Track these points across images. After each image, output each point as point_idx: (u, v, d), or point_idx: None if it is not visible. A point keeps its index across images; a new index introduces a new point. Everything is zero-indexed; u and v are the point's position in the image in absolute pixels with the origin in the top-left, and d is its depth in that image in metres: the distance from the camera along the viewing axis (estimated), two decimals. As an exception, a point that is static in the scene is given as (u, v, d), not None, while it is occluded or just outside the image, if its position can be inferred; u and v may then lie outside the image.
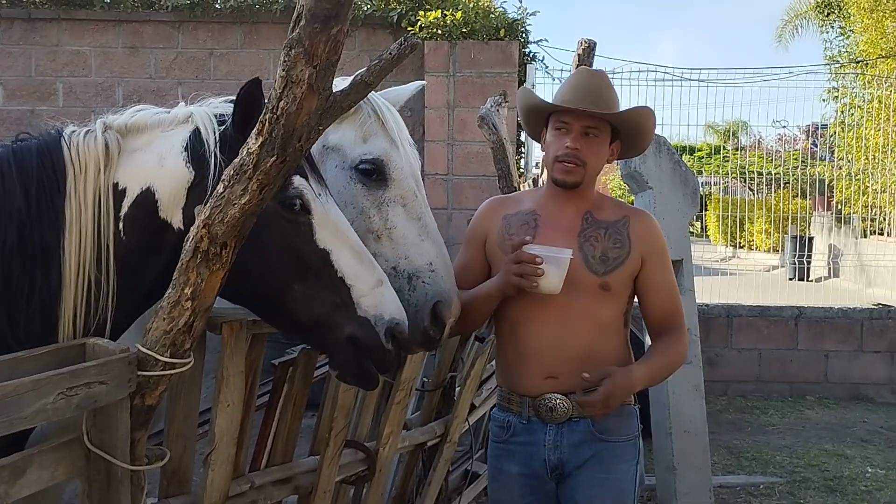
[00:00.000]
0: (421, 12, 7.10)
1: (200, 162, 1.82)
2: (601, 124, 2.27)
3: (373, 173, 2.25)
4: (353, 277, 1.87)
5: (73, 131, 1.85)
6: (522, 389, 2.35)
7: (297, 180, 1.84)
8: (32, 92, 7.51)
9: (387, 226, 2.19)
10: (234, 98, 1.95)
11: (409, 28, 7.04)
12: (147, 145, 1.86)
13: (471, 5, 7.14)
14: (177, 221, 1.83)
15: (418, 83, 2.85)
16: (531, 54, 7.56)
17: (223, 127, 1.85)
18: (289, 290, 1.84)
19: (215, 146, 1.82)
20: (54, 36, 7.54)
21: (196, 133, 1.84)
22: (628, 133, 2.34)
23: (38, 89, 7.52)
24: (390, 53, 1.51)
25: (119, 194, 1.82)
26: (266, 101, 1.53)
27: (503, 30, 7.12)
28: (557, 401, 2.27)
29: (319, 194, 1.89)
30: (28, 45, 7.52)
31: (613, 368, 2.19)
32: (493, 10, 7.25)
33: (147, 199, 1.83)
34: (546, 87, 7.64)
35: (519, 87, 7.29)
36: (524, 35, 7.38)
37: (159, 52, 7.55)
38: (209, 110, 1.90)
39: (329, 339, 1.89)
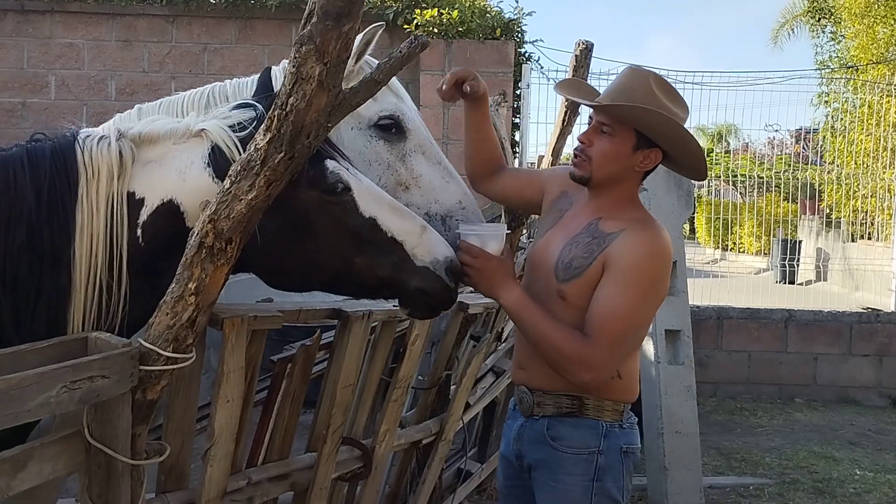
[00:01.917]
0: (417, 10, 7.09)
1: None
2: (615, 122, 2.15)
3: (391, 128, 2.41)
4: (402, 233, 1.99)
5: (88, 136, 1.87)
6: (512, 375, 2.44)
7: (331, 164, 1.93)
8: (24, 84, 7.46)
9: (413, 175, 2.35)
10: (246, 102, 1.99)
11: (406, 26, 7.04)
12: (161, 158, 1.90)
13: (467, 4, 7.15)
14: None
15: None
16: (527, 54, 7.58)
17: (243, 134, 1.88)
18: (353, 265, 1.97)
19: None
20: (47, 28, 7.50)
21: (217, 149, 1.88)
22: (660, 140, 2.16)
23: (30, 82, 7.47)
24: (400, 52, 1.51)
25: (136, 203, 1.85)
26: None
27: (499, 29, 7.13)
28: (524, 394, 2.28)
29: (349, 169, 1.98)
30: (20, 36, 7.47)
31: (504, 263, 2.18)
32: (489, 9, 7.26)
33: (170, 210, 1.87)
34: (541, 88, 7.66)
35: (514, 87, 7.32)
36: (520, 35, 7.39)
37: (153, 45, 7.52)
38: (221, 123, 1.92)
39: (400, 294, 2.05)
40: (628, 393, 2.25)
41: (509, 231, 3.20)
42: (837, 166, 10.91)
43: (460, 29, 7.04)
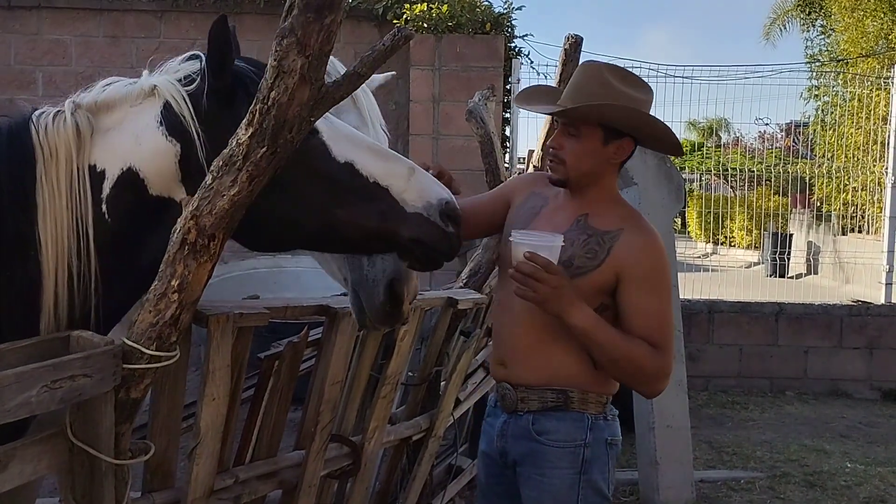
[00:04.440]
0: (406, 5, 7.08)
1: (183, 134, 1.76)
2: (579, 122, 2.18)
3: None
4: (386, 177, 1.81)
5: (42, 112, 1.77)
6: (492, 372, 2.42)
7: None
8: (11, 81, 7.41)
9: None
10: (194, 53, 1.88)
11: (395, 21, 7.02)
12: (119, 123, 1.79)
13: (457, -1, 7.13)
14: (180, 194, 1.76)
15: (390, 73, 2.92)
16: (517, 49, 7.57)
17: (192, 87, 1.78)
18: (333, 217, 1.79)
19: (191, 117, 1.74)
20: (34, 24, 7.45)
21: (168, 106, 1.77)
22: (627, 129, 2.20)
23: (17, 78, 7.43)
24: (384, 45, 1.49)
25: (97, 176, 1.75)
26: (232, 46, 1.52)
27: (489, 24, 7.12)
28: (507, 390, 2.29)
29: None
30: (7, 33, 7.43)
31: (567, 280, 2.11)
32: (478, 4, 7.25)
33: (130, 178, 1.76)
34: (531, 82, 7.64)
35: (504, 81, 7.31)
36: (510, 29, 7.39)
37: (141, 41, 7.48)
38: (171, 77, 1.81)
39: (392, 245, 1.86)
40: (611, 385, 2.28)
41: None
42: (828, 160, 10.94)
43: (450, 24, 7.03)
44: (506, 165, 6.93)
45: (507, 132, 7.67)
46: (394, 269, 2.05)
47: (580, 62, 3.97)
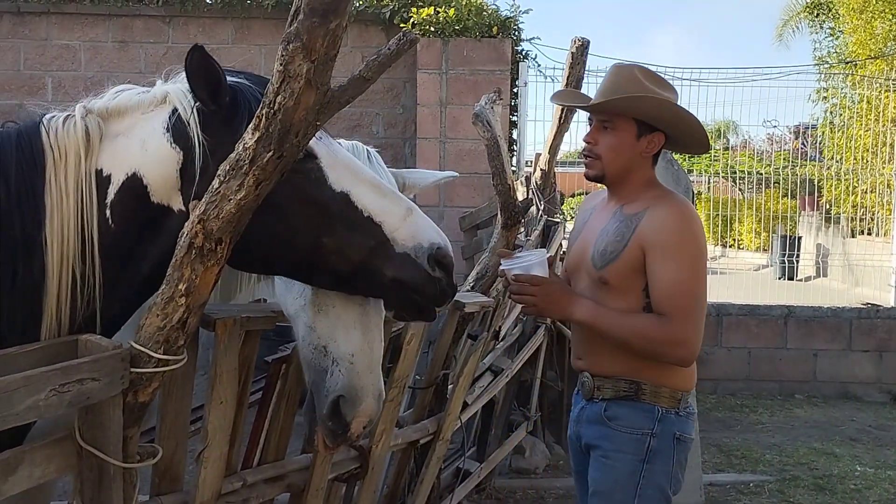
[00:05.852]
0: (413, 9, 7.09)
1: (186, 142, 1.75)
2: (614, 116, 2.29)
3: None
4: (381, 213, 1.75)
5: (53, 116, 1.78)
6: (573, 365, 2.53)
7: None
8: (21, 86, 7.45)
9: (330, 301, 1.96)
10: None
11: (402, 25, 7.03)
12: (129, 129, 1.79)
13: (463, 2, 7.14)
14: (177, 204, 1.76)
15: (449, 173, 3.06)
16: (524, 52, 7.57)
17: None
18: (319, 245, 1.74)
19: (196, 125, 1.73)
20: (43, 30, 7.49)
21: (176, 112, 1.76)
22: (659, 122, 2.29)
23: (27, 83, 7.46)
24: (389, 49, 1.50)
25: (103, 181, 1.75)
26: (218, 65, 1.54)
27: (496, 27, 7.12)
28: (586, 378, 2.39)
29: (320, 137, 1.77)
30: (17, 38, 7.47)
31: (562, 283, 2.34)
32: (485, 7, 7.25)
33: (134, 184, 1.75)
34: (539, 86, 7.65)
35: (511, 85, 7.31)
36: (517, 33, 7.38)
37: (149, 46, 7.51)
38: (184, 86, 1.80)
39: (374, 284, 1.79)
40: (686, 381, 2.34)
41: (506, 230, 3.20)
42: (837, 162, 10.90)
43: (457, 27, 7.03)
44: (513, 169, 6.95)
45: (515, 135, 7.67)
46: (344, 387, 1.92)
47: (586, 64, 3.98)
